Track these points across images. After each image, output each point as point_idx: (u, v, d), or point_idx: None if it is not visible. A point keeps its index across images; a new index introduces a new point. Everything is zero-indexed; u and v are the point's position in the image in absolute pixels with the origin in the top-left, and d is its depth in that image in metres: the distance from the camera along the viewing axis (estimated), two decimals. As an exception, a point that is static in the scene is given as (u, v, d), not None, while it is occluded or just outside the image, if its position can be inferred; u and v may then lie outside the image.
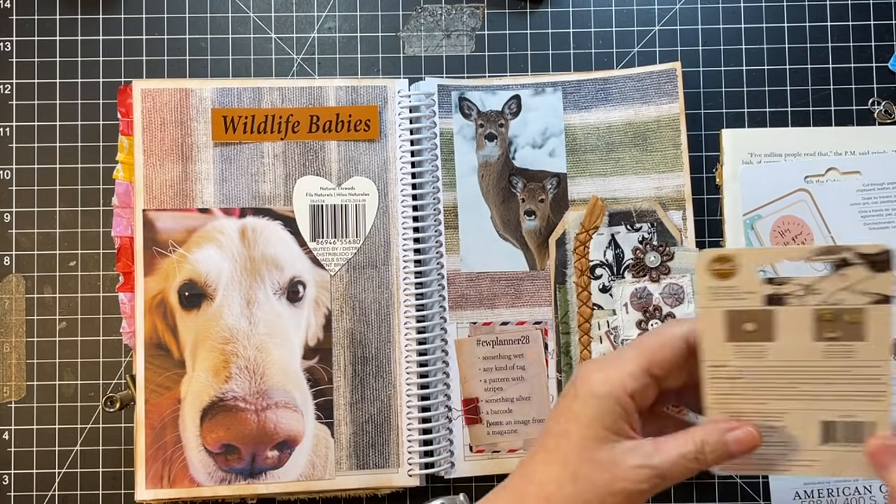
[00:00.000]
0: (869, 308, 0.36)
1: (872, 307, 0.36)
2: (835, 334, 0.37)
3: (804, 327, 0.37)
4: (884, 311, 0.36)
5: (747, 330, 0.38)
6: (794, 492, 0.61)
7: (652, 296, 0.61)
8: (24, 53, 0.64)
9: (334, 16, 0.65)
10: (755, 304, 0.37)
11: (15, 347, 0.63)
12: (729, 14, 0.65)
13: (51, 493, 0.62)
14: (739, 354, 0.38)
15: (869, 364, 0.38)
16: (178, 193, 0.61)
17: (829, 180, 0.62)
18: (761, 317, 0.37)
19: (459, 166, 0.62)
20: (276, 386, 0.60)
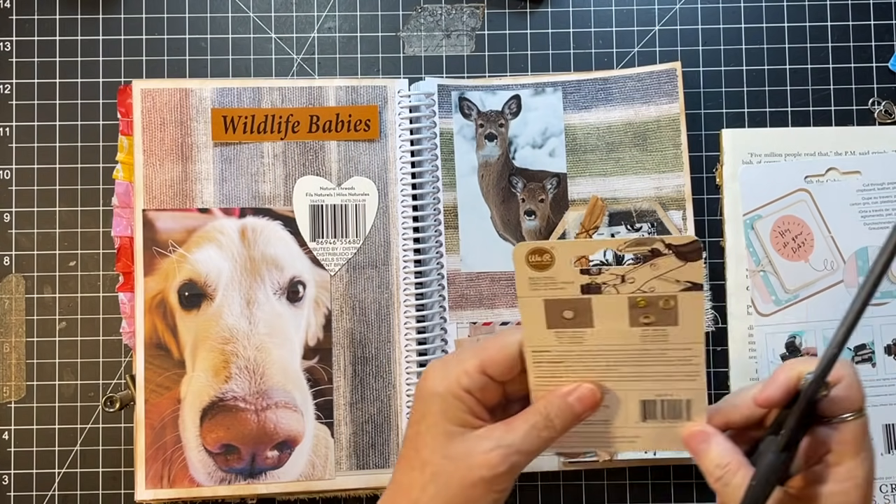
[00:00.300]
0: (680, 295, 0.38)
1: (684, 294, 0.38)
2: (650, 319, 0.39)
3: (620, 314, 0.39)
4: (695, 297, 0.38)
5: (566, 317, 0.39)
6: (794, 492, 0.61)
7: (652, 296, 0.61)
8: (23, 53, 0.64)
9: (334, 16, 0.65)
10: (573, 293, 0.39)
11: (15, 347, 0.63)
12: (729, 14, 0.65)
13: (51, 493, 0.62)
14: (560, 340, 0.40)
15: (682, 346, 0.39)
16: (178, 193, 0.61)
17: (830, 180, 0.62)
18: (579, 305, 0.39)
19: (459, 166, 0.62)
20: (276, 386, 0.60)
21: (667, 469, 0.62)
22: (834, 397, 0.39)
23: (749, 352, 0.62)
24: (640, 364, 0.40)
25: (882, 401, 0.61)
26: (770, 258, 0.62)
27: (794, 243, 0.62)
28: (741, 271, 0.62)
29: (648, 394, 0.41)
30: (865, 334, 0.61)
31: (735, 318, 0.62)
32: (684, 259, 0.37)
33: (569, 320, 0.40)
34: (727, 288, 0.62)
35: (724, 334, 0.62)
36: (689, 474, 0.62)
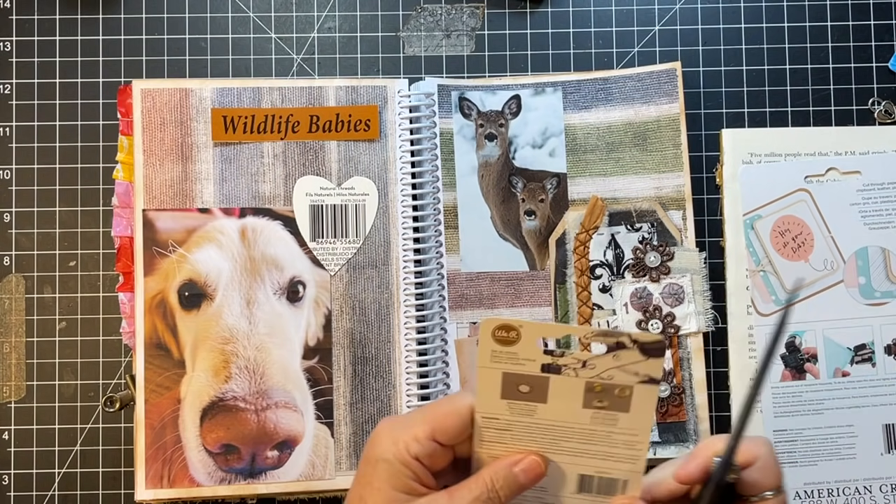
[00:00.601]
0: (637, 387, 0.39)
1: (640, 386, 0.39)
2: (603, 404, 0.40)
3: (575, 395, 0.40)
4: (650, 390, 0.39)
5: (522, 391, 0.40)
6: (794, 491, 0.61)
7: (652, 296, 0.61)
8: (23, 53, 0.64)
9: (334, 16, 0.65)
10: (532, 370, 0.40)
11: (15, 347, 0.63)
12: (729, 14, 0.65)
13: (50, 493, 0.62)
14: (511, 410, 0.41)
15: (629, 432, 0.40)
16: (178, 193, 0.61)
17: (829, 180, 0.62)
18: (536, 381, 0.40)
19: (459, 166, 0.62)
20: (276, 386, 0.60)
21: (667, 469, 0.62)
22: (748, 478, 0.41)
23: (749, 352, 0.62)
24: (585, 442, 0.41)
25: (882, 401, 0.61)
26: (770, 258, 0.62)
27: (794, 243, 0.62)
28: (741, 271, 0.62)
29: (588, 469, 0.42)
30: (865, 334, 0.62)
31: (735, 318, 0.62)
32: (647, 355, 0.38)
33: (523, 394, 0.40)
34: (727, 288, 0.62)
35: (724, 334, 0.62)
36: (689, 474, 0.62)
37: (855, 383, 0.61)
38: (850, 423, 0.61)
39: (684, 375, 0.60)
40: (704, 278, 0.61)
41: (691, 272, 0.61)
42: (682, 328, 0.61)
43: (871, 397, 0.61)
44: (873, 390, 0.61)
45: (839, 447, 0.61)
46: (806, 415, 0.61)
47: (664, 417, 0.60)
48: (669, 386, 0.60)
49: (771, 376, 0.61)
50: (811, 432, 0.61)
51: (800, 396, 0.61)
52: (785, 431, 0.61)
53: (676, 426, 0.60)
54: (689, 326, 0.60)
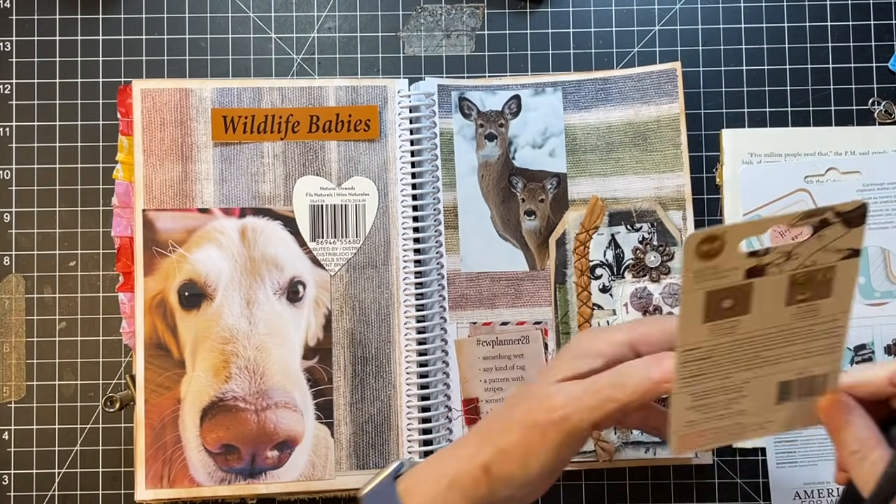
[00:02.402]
0: (839, 264, 0.36)
1: (842, 263, 0.36)
2: (805, 295, 0.37)
3: (778, 294, 0.37)
4: (852, 264, 0.36)
5: (724, 307, 0.37)
6: (794, 492, 0.61)
7: (652, 296, 0.61)
8: (23, 53, 0.64)
9: (334, 16, 0.65)
10: (736, 279, 0.36)
11: (15, 347, 0.63)
12: (729, 14, 0.65)
13: (50, 493, 0.62)
14: (712, 333, 0.38)
15: (829, 319, 0.37)
16: (178, 193, 0.61)
17: (829, 180, 0.62)
18: (739, 291, 0.37)
19: (459, 166, 0.62)
20: (276, 386, 0.60)
21: (667, 469, 0.62)
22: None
23: (749, 352, 0.62)
24: (786, 344, 0.38)
25: (882, 401, 0.61)
26: (770, 258, 0.62)
27: (794, 243, 0.62)
28: (741, 271, 0.62)
29: (788, 374, 0.39)
30: (865, 334, 0.62)
31: (735, 318, 0.62)
32: (850, 225, 0.35)
33: (726, 310, 0.37)
34: (727, 288, 0.62)
35: (724, 334, 0.62)
36: (688, 474, 0.62)
37: (855, 383, 0.61)
38: (850, 423, 0.61)
39: (684, 375, 0.60)
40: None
41: (691, 272, 0.61)
42: (682, 328, 0.60)
43: (871, 397, 0.61)
44: (873, 390, 0.61)
45: (839, 447, 0.61)
46: (806, 415, 0.61)
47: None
48: (669, 386, 0.60)
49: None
50: (811, 432, 0.61)
51: (800, 396, 0.61)
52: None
53: (676, 426, 0.60)
54: (689, 326, 0.60)
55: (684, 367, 0.38)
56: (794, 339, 0.38)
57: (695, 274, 0.36)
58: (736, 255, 0.35)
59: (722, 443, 0.42)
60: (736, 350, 0.38)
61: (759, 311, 0.37)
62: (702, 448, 0.42)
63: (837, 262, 0.36)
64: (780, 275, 0.36)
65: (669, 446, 0.41)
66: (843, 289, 0.37)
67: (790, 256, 0.36)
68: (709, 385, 0.39)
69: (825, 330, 0.38)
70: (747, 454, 0.62)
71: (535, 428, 0.39)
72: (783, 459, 0.61)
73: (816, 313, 0.37)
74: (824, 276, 0.36)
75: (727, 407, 0.40)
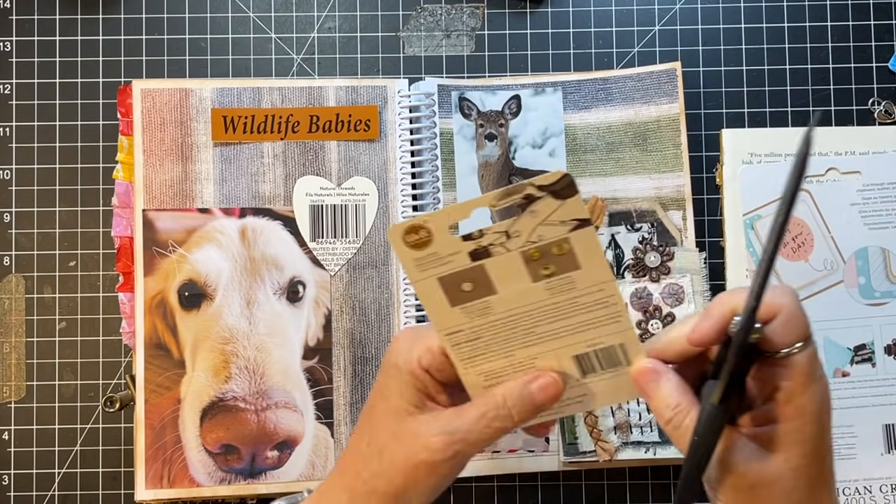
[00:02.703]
0: (572, 235, 0.36)
1: (575, 234, 0.36)
2: (550, 270, 0.37)
3: (518, 272, 0.37)
4: (586, 234, 0.36)
5: (466, 290, 0.37)
6: (794, 492, 0.61)
7: (652, 296, 0.61)
8: (23, 53, 0.64)
9: (334, 16, 0.65)
10: (463, 263, 0.37)
11: (15, 347, 0.63)
12: (729, 14, 0.65)
13: (50, 493, 0.62)
14: (468, 315, 0.38)
15: (593, 289, 0.37)
16: (178, 193, 0.61)
17: (830, 180, 0.62)
18: (473, 274, 0.37)
19: (459, 166, 0.62)
20: (276, 386, 0.60)
21: (667, 469, 0.62)
22: (773, 332, 0.36)
23: (749, 352, 0.62)
24: (557, 319, 0.38)
25: (882, 401, 0.61)
26: (770, 258, 0.62)
27: (794, 243, 0.62)
28: (741, 271, 0.62)
29: (578, 348, 0.39)
30: (865, 334, 0.61)
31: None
32: (561, 197, 0.35)
33: (470, 292, 0.37)
34: (727, 288, 0.62)
35: (724, 334, 0.62)
36: (689, 474, 0.62)
37: (855, 383, 0.61)
38: (850, 423, 0.61)
39: (684, 375, 0.60)
40: (704, 278, 0.61)
41: (691, 272, 0.61)
42: (682, 328, 0.60)
43: (871, 397, 0.61)
44: (873, 390, 0.61)
45: (839, 447, 0.61)
46: (806, 415, 0.61)
47: (664, 417, 0.60)
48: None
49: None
50: (811, 432, 0.61)
51: (800, 396, 0.61)
52: (785, 431, 0.61)
53: (676, 426, 0.60)
54: (689, 326, 0.60)
55: (456, 350, 0.39)
56: (562, 314, 0.38)
57: (415, 262, 0.37)
58: (450, 240, 0.36)
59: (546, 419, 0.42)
60: (502, 329, 0.38)
61: (505, 290, 0.37)
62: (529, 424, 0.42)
63: (569, 234, 0.36)
64: (508, 253, 0.36)
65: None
66: (591, 259, 0.36)
67: (510, 235, 0.36)
68: (495, 364, 0.40)
69: (596, 301, 0.37)
70: (747, 454, 0.62)
71: (422, 466, 0.39)
72: (783, 459, 0.61)
73: (573, 286, 0.37)
74: (561, 249, 0.36)
75: None
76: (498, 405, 0.39)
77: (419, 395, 0.40)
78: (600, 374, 0.40)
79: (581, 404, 0.41)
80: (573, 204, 0.35)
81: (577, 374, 0.40)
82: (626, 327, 0.38)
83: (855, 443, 0.61)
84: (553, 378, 0.40)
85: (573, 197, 0.35)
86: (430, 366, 0.40)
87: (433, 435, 0.39)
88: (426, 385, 0.40)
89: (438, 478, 0.40)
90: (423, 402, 0.40)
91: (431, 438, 0.39)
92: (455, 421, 0.39)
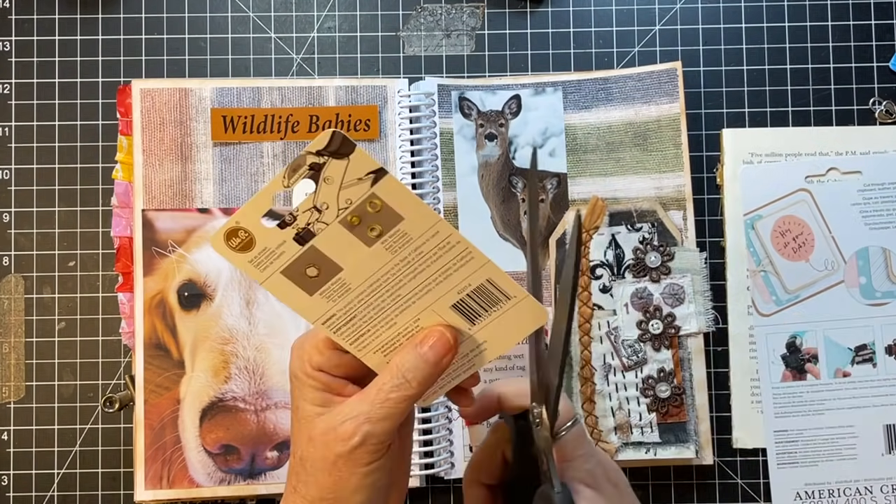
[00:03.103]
0: (376, 189, 0.35)
1: (378, 187, 0.35)
2: (377, 230, 0.36)
3: (349, 242, 0.36)
4: (388, 182, 0.35)
5: (313, 275, 0.37)
6: (794, 492, 0.61)
7: (652, 296, 0.61)
8: (22, 53, 0.64)
9: (334, 15, 0.65)
10: (292, 250, 0.36)
11: (14, 348, 0.63)
12: (730, 13, 0.65)
13: (50, 493, 0.62)
14: (330, 299, 0.38)
15: (428, 234, 0.36)
16: (178, 193, 0.61)
17: (830, 180, 0.62)
18: (309, 257, 0.36)
19: (459, 166, 0.62)
20: (276, 386, 0.60)
21: (667, 469, 0.62)
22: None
23: (749, 352, 0.62)
24: (414, 275, 0.37)
25: (883, 401, 0.61)
26: (771, 258, 0.62)
27: (795, 243, 0.62)
28: (742, 271, 0.62)
29: (451, 297, 0.38)
30: (866, 334, 0.61)
31: (735, 318, 0.62)
32: (342, 156, 0.34)
33: (319, 277, 0.37)
34: (728, 288, 0.62)
35: (724, 334, 0.62)
36: (689, 475, 0.62)
37: (856, 384, 0.61)
38: (851, 423, 0.61)
39: (685, 376, 0.60)
40: (705, 278, 0.61)
41: (692, 272, 0.61)
42: (683, 328, 0.60)
43: (872, 398, 0.61)
44: (874, 391, 0.61)
45: (840, 448, 0.61)
46: (806, 415, 0.61)
47: (664, 418, 0.60)
48: (670, 386, 0.60)
49: (771, 377, 0.61)
50: (812, 433, 0.61)
51: (800, 397, 0.61)
52: (785, 432, 0.61)
53: (677, 426, 0.60)
54: (690, 327, 0.60)
55: (340, 336, 0.39)
56: (415, 268, 0.37)
57: (251, 264, 0.36)
58: (269, 232, 0.36)
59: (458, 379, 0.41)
60: (372, 300, 0.38)
61: (348, 263, 0.37)
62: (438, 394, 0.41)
63: (372, 189, 0.35)
64: (329, 227, 0.36)
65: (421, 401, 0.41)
66: (407, 206, 0.35)
67: (320, 209, 0.35)
68: (384, 336, 0.39)
69: (438, 246, 0.36)
70: (748, 455, 0.62)
71: (340, 461, 0.38)
72: (784, 460, 0.61)
73: (408, 237, 0.36)
74: (374, 206, 0.35)
75: None
76: (394, 376, 0.39)
77: (322, 395, 0.40)
78: (487, 317, 0.39)
79: (486, 352, 0.40)
80: (358, 158, 0.34)
81: (464, 324, 0.39)
82: (482, 262, 0.37)
83: (856, 443, 0.61)
84: (439, 332, 0.39)
85: (354, 151, 0.34)
86: (321, 364, 0.40)
87: (339, 424, 0.38)
88: (326, 384, 0.40)
89: (363, 469, 0.39)
90: (328, 401, 0.40)
91: (339, 429, 0.38)
92: (358, 405, 0.39)
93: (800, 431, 0.61)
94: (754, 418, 0.62)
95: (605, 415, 0.60)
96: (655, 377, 0.60)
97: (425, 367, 0.39)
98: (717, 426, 0.62)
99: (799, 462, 0.61)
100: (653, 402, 0.60)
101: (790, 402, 0.61)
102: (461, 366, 0.41)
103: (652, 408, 0.60)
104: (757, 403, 0.61)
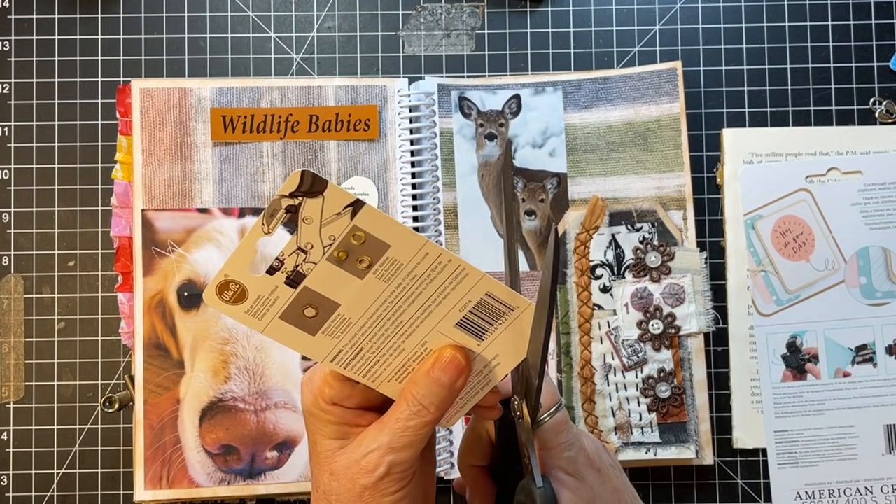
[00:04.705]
0: (357, 222, 0.35)
1: (358, 219, 0.35)
2: (366, 261, 0.36)
3: (340, 277, 0.36)
4: (367, 213, 0.35)
5: (312, 316, 0.37)
6: (794, 492, 0.61)
7: (652, 296, 0.61)
8: (22, 53, 0.64)
9: (334, 15, 0.65)
10: (287, 294, 0.36)
11: (13, 348, 0.63)
12: (730, 13, 0.65)
13: (49, 493, 0.62)
14: (334, 336, 0.37)
15: (419, 258, 0.36)
16: (177, 193, 0.61)
17: (831, 180, 0.62)
18: (306, 298, 0.36)
19: (459, 166, 0.62)
20: (276, 386, 0.60)
21: (667, 470, 0.62)
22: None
23: (750, 352, 0.62)
24: (412, 300, 0.37)
25: (883, 401, 0.61)
26: (771, 258, 0.62)
27: (795, 243, 0.62)
28: (742, 271, 0.62)
29: (454, 316, 0.38)
30: (867, 334, 0.61)
31: (736, 318, 0.62)
32: (315, 194, 0.34)
33: (318, 316, 0.37)
34: (728, 288, 0.62)
35: (724, 334, 0.62)
36: (689, 475, 0.62)
37: (856, 384, 0.61)
38: (852, 423, 0.61)
39: (685, 376, 0.60)
40: (705, 278, 0.61)
41: (692, 272, 0.61)
42: (683, 328, 0.60)
43: (873, 398, 0.61)
44: (874, 391, 0.61)
45: (840, 448, 0.61)
46: (807, 415, 0.61)
47: (665, 418, 0.60)
48: (670, 386, 0.60)
49: (771, 377, 0.61)
50: (812, 433, 0.61)
51: (801, 397, 0.61)
52: (786, 432, 0.61)
53: (677, 426, 0.60)
54: (690, 327, 0.60)
55: (350, 370, 0.39)
56: (413, 293, 0.37)
57: (249, 314, 0.36)
58: (260, 280, 0.36)
59: (473, 401, 0.41)
60: (374, 332, 0.38)
61: (345, 298, 0.37)
62: (460, 415, 0.41)
63: (353, 222, 0.35)
64: (318, 266, 0.36)
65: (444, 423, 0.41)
66: (391, 232, 0.35)
67: (305, 249, 0.35)
68: (395, 363, 0.39)
69: (430, 268, 0.36)
70: (748, 455, 0.62)
71: (366, 492, 0.38)
72: (784, 460, 0.61)
73: (399, 263, 0.36)
74: (358, 238, 0.35)
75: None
76: (410, 403, 0.39)
77: (339, 428, 0.40)
78: (494, 331, 0.39)
79: (500, 367, 0.40)
80: (332, 193, 0.34)
81: (473, 342, 0.39)
82: (478, 277, 0.37)
83: (856, 443, 0.61)
84: (450, 354, 0.39)
85: (327, 188, 0.34)
86: (334, 397, 0.39)
87: (363, 457, 0.38)
88: (342, 417, 0.40)
89: (390, 498, 0.39)
90: (345, 434, 0.40)
91: (363, 461, 0.38)
92: (379, 436, 0.39)
93: (800, 431, 0.61)
94: (754, 418, 0.62)
95: (605, 415, 0.60)
96: (655, 377, 0.60)
97: (440, 391, 0.38)
98: (718, 426, 0.62)
99: (799, 462, 0.61)
100: (653, 402, 0.60)
101: (790, 403, 0.61)
102: (477, 384, 0.41)
103: (652, 408, 0.60)
104: (757, 403, 0.61)
